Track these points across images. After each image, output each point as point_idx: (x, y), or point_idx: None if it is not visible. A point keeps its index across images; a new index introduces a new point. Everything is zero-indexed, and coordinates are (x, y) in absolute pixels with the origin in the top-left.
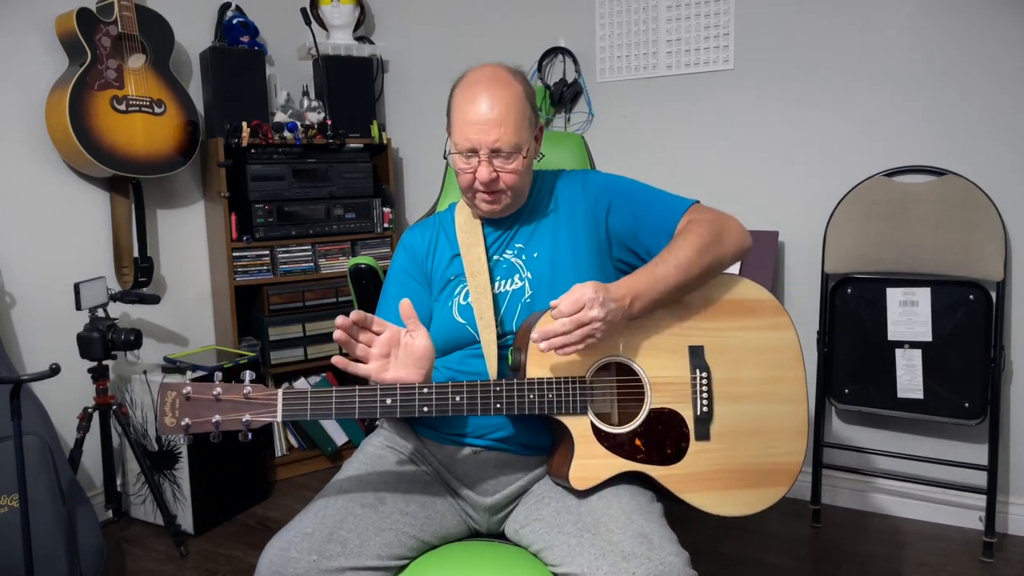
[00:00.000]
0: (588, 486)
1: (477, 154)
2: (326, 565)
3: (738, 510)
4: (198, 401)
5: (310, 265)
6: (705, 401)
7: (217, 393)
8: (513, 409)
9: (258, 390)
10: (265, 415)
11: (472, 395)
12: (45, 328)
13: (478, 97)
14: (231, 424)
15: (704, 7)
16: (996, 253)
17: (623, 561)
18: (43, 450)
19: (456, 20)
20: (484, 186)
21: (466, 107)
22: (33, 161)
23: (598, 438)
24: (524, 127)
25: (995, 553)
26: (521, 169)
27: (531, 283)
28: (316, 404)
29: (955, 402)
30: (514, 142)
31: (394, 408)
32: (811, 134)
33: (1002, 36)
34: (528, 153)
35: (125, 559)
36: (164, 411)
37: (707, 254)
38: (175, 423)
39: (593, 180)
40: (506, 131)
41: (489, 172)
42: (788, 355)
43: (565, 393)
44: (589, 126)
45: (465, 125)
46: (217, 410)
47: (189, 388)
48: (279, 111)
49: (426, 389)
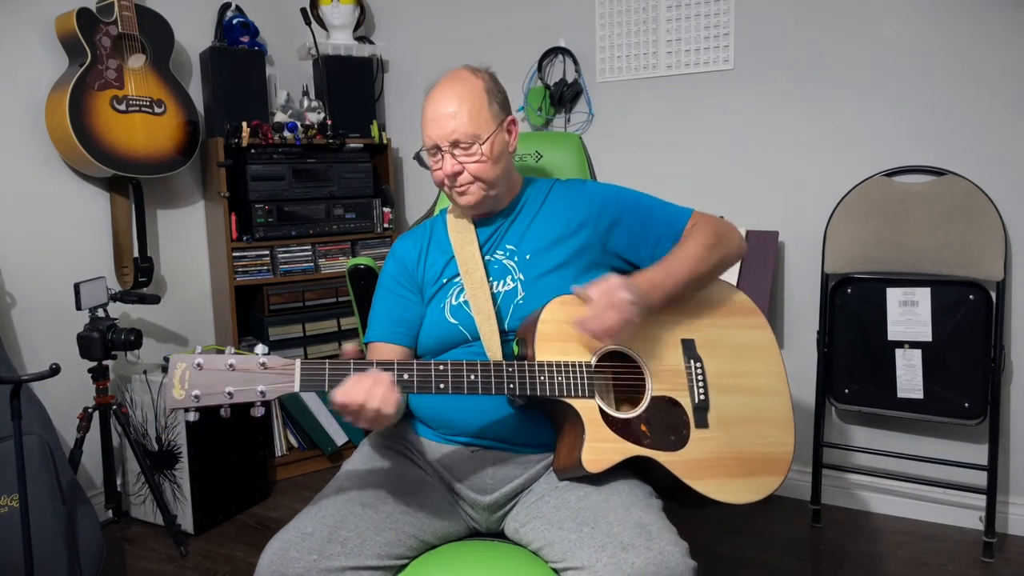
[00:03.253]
0: (600, 469)
1: (441, 150)
2: (326, 565)
3: (740, 497)
4: (210, 372)
5: (310, 265)
6: (701, 389)
7: (231, 363)
8: (526, 390)
9: (274, 360)
10: (283, 385)
11: (486, 374)
12: (45, 328)
13: (435, 97)
14: (245, 395)
15: (704, 7)
16: (996, 253)
17: (622, 552)
18: (43, 450)
19: (456, 20)
20: (450, 180)
21: (427, 108)
22: (33, 161)
23: (606, 422)
24: (482, 117)
25: (995, 553)
26: (485, 159)
27: (523, 284)
28: (334, 375)
29: (955, 402)
30: (470, 131)
31: (411, 383)
32: (811, 134)
33: (1002, 36)
34: (490, 143)
35: (125, 559)
36: (173, 382)
37: (714, 251)
38: (184, 395)
39: (597, 189)
40: (461, 122)
41: (453, 165)
42: (768, 351)
43: (574, 376)
44: (589, 126)
45: (426, 124)
46: (230, 381)
47: (201, 358)
48: (279, 111)
49: (442, 367)
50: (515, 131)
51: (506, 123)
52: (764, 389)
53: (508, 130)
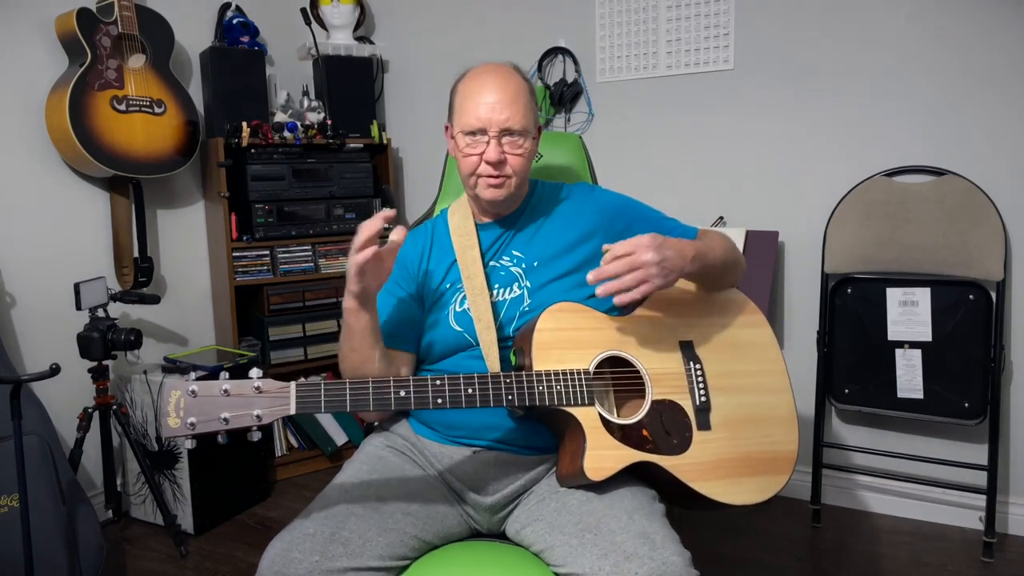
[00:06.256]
0: (604, 477)
1: (486, 134)
2: (328, 566)
3: (746, 498)
4: (205, 399)
5: (310, 265)
6: (702, 391)
7: (225, 389)
8: (525, 400)
9: (268, 383)
10: (278, 408)
11: (484, 387)
12: (45, 328)
13: (488, 82)
14: (241, 420)
15: (704, 7)
16: (996, 253)
17: (625, 561)
18: (43, 450)
19: (456, 20)
20: (492, 166)
21: (476, 90)
22: (33, 161)
23: (607, 429)
24: (531, 115)
25: (995, 553)
26: (527, 154)
27: (529, 292)
28: (330, 396)
29: (955, 402)
30: (524, 124)
31: (408, 399)
32: (811, 134)
33: (1002, 36)
34: (535, 142)
35: (125, 559)
36: (167, 411)
37: (728, 255)
38: (180, 423)
39: (607, 198)
40: (517, 111)
41: (498, 152)
42: (768, 349)
43: (573, 384)
44: (589, 126)
45: (476, 106)
46: (225, 406)
47: (195, 385)
48: (279, 111)
49: (439, 381)
50: (539, 138)
51: (538, 129)
52: (765, 388)
53: (535, 136)
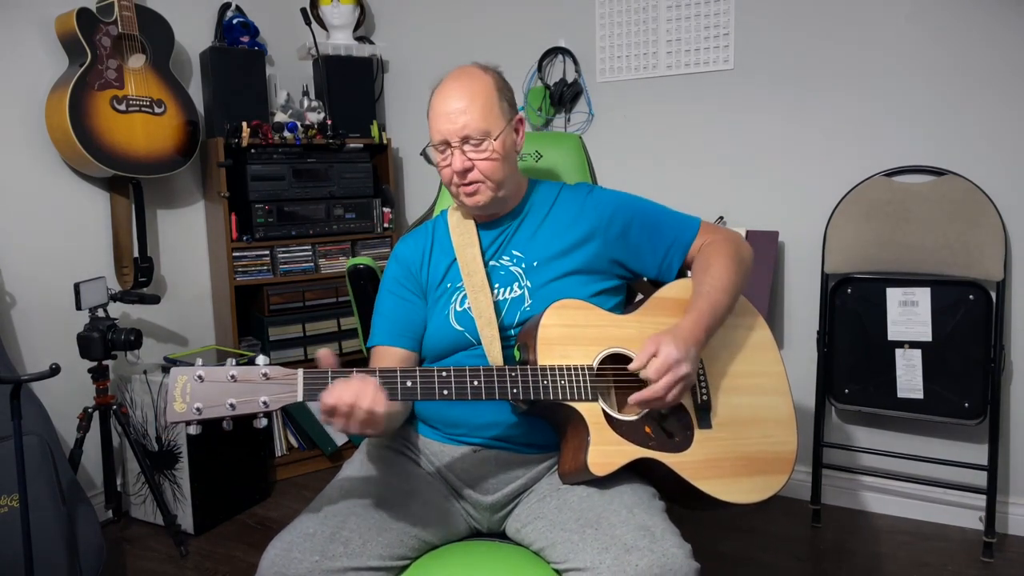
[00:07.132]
0: (607, 472)
1: (450, 146)
2: (328, 565)
3: (746, 497)
4: (212, 384)
5: (310, 265)
6: (703, 390)
7: (232, 375)
8: (529, 394)
9: (276, 370)
10: (285, 395)
11: (489, 380)
12: (45, 328)
13: (446, 92)
14: (247, 406)
15: (704, 7)
16: (996, 253)
17: (626, 554)
18: (43, 450)
19: (456, 20)
20: (459, 176)
21: (437, 103)
22: (33, 161)
23: (611, 425)
24: (493, 114)
25: (995, 553)
26: (496, 156)
27: (530, 292)
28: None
29: (955, 402)
30: (482, 127)
31: (414, 390)
32: (811, 134)
33: (1002, 36)
34: (501, 140)
35: (125, 559)
36: (174, 396)
37: (739, 271)
38: (186, 408)
39: (605, 196)
40: (472, 117)
41: (463, 161)
42: (767, 351)
43: (576, 380)
44: (589, 126)
45: (437, 118)
46: (232, 392)
47: (202, 371)
48: (279, 111)
49: (445, 373)
50: (522, 130)
51: (514, 121)
52: (765, 389)
53: (516, 129)
